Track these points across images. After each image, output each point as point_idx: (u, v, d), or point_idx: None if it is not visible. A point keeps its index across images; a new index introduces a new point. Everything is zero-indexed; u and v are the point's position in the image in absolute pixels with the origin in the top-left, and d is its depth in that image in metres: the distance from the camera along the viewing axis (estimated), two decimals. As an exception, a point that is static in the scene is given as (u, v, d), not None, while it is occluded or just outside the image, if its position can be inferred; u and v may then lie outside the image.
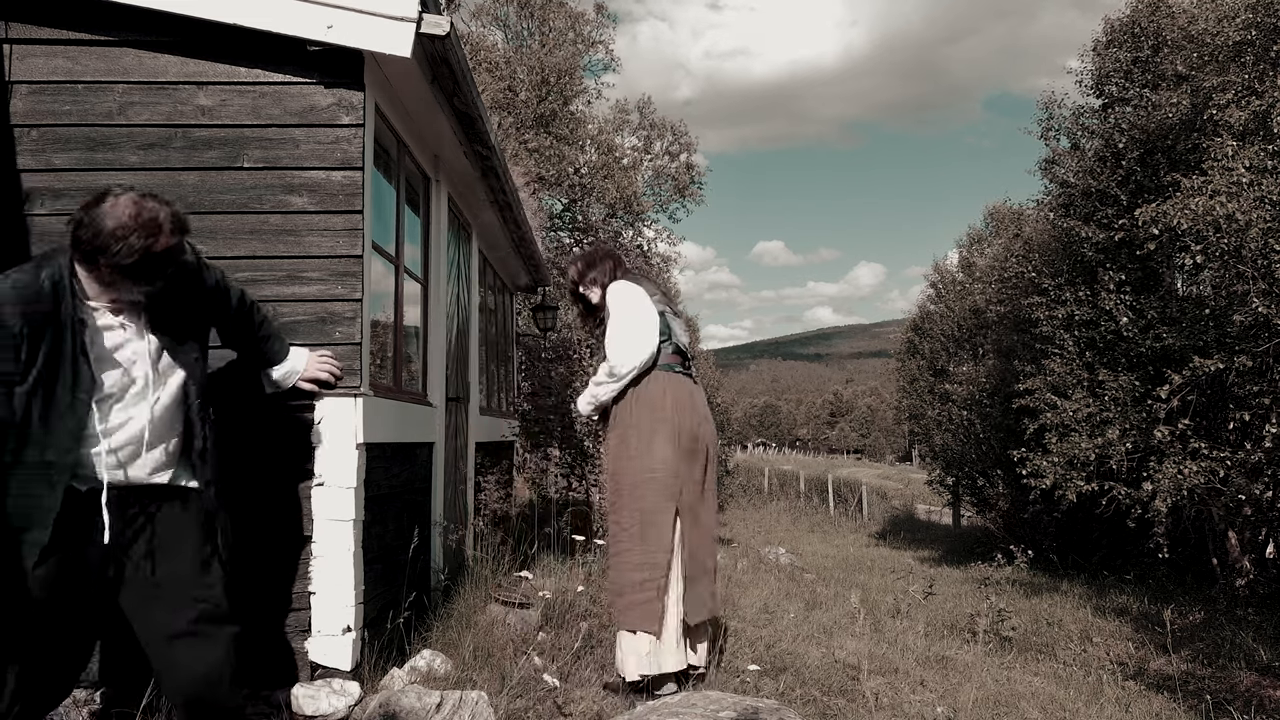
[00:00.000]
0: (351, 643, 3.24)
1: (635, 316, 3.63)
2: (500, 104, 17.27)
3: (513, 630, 3.94)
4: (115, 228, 2.17)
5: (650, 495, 3.54)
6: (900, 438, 61.65)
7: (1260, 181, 7.22)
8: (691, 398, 3.68)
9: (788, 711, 3.09)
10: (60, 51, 3.29)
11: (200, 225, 3.30)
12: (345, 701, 3.07)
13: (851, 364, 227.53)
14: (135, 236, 2.18)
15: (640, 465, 3.56)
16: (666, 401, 3.60)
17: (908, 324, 24.54)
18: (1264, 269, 7.27)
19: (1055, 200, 11.70)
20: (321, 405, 3.27)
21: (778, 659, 4.29)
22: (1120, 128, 10.50)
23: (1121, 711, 4.21)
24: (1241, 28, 8.20)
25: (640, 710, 3.15)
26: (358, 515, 3.31)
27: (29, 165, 3.26)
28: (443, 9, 3.42)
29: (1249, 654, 5.63)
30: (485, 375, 7.67)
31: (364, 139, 3.36)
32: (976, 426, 15.33)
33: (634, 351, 3.57)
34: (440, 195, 5.11)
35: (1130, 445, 9.08)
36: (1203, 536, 9.65)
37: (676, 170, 23.42)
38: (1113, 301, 10.00)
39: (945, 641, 5.38)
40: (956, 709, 3.73)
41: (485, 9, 21.24)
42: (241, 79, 3.34)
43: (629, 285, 3.72)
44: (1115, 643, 6.19)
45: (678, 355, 3.71)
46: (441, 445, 5.06)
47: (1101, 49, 11.41)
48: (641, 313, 3.64)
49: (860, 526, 23.72)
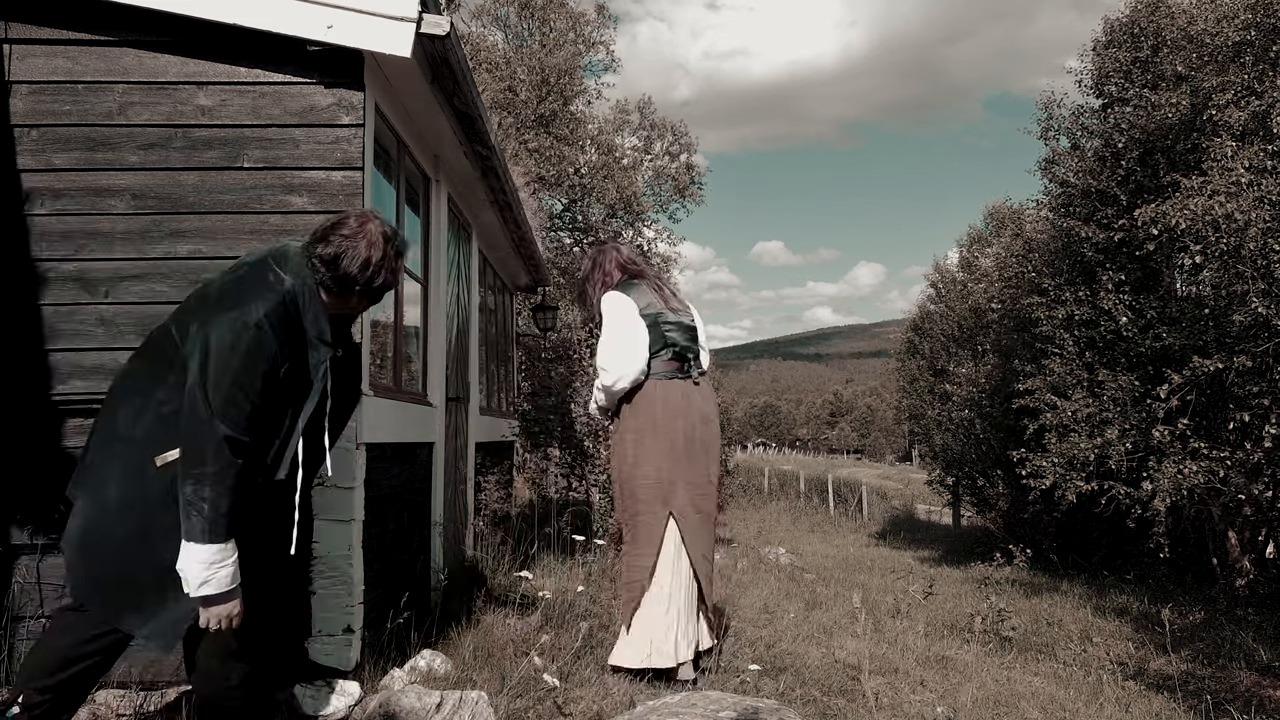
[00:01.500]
0: (351, 643, 3.24)
1: (620, 334, 3.71)
2: (500, 104, 17.27)
3: (513, 630, 3.94)
4: (379, 259, 2.27)
5: (642, 499, 3.69)
6: (900, 438, 61.66)
7: (1259, 182, 7.22)
8: (687, 400, 3.74)
9: (788, 711, 3.10)
10: (60, 51, 3.29)
11: (200, 225, 3.31)
12: (345, 701, 3.07)
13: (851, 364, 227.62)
14: (389, 263, 2.32)
15: (635, 471, 3.71)
16: (657, 410, 3.70)
17: (908, 324, 24.53)
18: (1263, 269, 7.28)
19: (1055, 200, 11.71)
20: (321, 405, 3.27)
21: (778, 659, 4.29)
22: (1120, 128, 10.50)
23: (1121, 711, 4.21)
24: (1241, 28, 8.20)
25: (640, 710, 3.15)
26: (358, 515, 3.31)
27: (29, 165, 3.26)
28: (443, 9, 3.42)
29: (1249, 654, 5.63)
30: (485, 375, 7.67)
31: (364, 139, 3.36)
32: (976, 426, 15.33)
33: (619, 368, 3.69)
34: (440, 195, 5.11)
35: (1130, 445, 9.08)
36: (1203, 536, 9.65)
37: (676, 170, 23.42)
38: (1112, 301, 10.00)
39: (945, 641, 5.38)
40: (956, 709, 3.73)
41: (485, 9, 21.24)
42: (241, 79, 3.34)
43: (619, 299, 3.78)
44: (1115, 643, 6.19)
45: (675, 361, 3.77)
46: (441, 445, 5.06)
47: (1101, 49, 11.41)
48: (625, 330, 3.72)
49: (860, 526, 23.72)
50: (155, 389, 2.21)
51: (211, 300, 2.24)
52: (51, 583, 3.16)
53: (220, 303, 2.20)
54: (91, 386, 3.22)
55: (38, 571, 3.16)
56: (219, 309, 2.18)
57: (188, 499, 2.07)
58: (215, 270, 3.25)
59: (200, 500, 2.06)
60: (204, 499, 2.06)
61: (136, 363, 2.34)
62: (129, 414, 2.22)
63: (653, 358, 3.74)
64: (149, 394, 2.21)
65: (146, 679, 3.12)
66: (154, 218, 3.29)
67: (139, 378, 2.27)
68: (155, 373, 2.23)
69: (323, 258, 2.26)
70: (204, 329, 2.14)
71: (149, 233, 3.29)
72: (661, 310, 3.78)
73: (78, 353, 3.24)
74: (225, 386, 2.10)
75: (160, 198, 3.30)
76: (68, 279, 3.25)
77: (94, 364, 3.24)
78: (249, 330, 2.14)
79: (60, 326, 3.24)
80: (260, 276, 2.25)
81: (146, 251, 3.28)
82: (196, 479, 2.07)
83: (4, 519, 3.15)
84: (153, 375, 2.23)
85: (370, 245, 2.27)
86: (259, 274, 2.26)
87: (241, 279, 2.26)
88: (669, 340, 3.74)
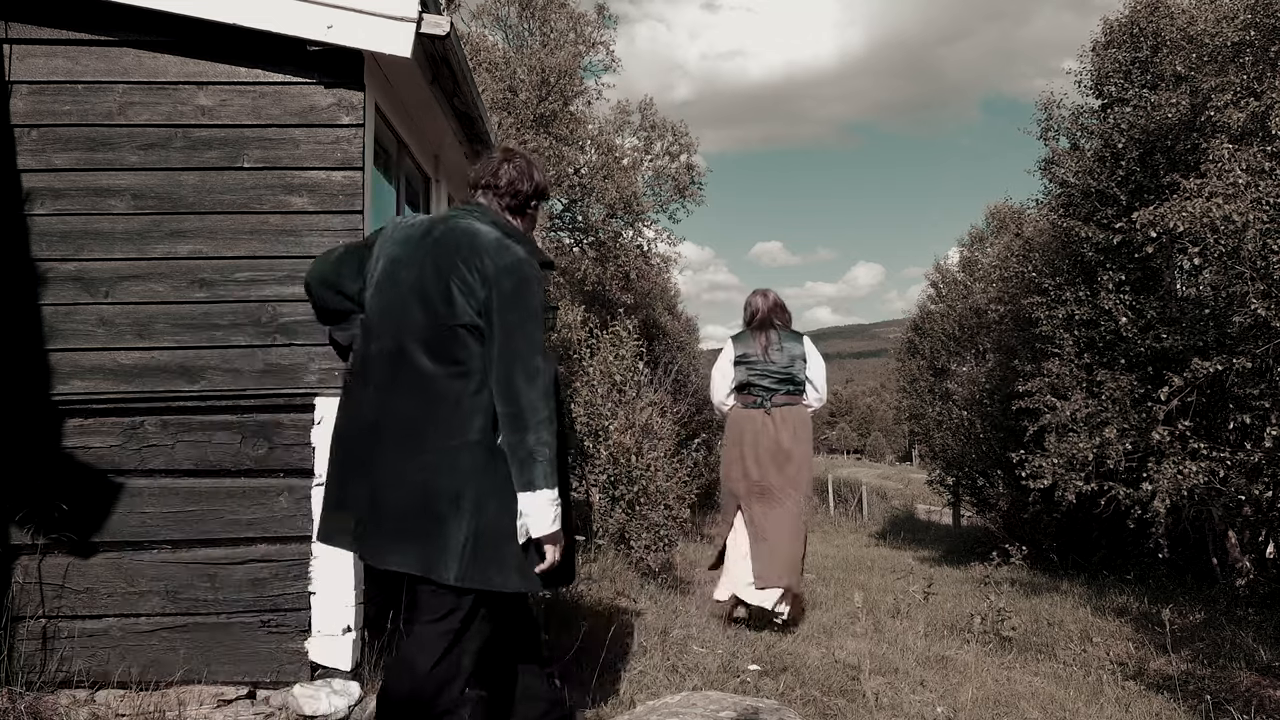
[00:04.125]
0: (351, 643, 3.24)
1: (713, 376, 5.37)
2: (500, 104, 17.26)
3: (513, 630, 3.94)
4: (544, 174, 2.50)
5: (725, 491, 5.42)
6: (900, 438, 61.60)
7: (1257, 184, 7.21)
8: (761, 425, 5.13)
9: (788, 711, 3.10)
10: (60, 51, 3.29)
11: (200, 225, 3.31)
12: (345, 701, 3.07)
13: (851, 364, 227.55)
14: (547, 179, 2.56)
15: (724, 474, 5.37)
16: (733, 431, 5.27)
17: (908, 323, 24.50)
18: (1262, 270, 7.27)
19: (1055, 200, 11.69)
20: (322, 405, 3.27)
21: (778, 659, 4.30)
22: (1120, 128, 10.48)
23: (1121, 711, 4.21)
24: (1240, 28, 8.18)
25: (640, 710, 3.16)
26: (358, 515, 3.30)
27: (29, 165, 3.26)
28: (443, 9, 3.42)
29: (1249, 654, 5.62)
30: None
31: (364, 139, 3.36)
32: (976, 426, 15.31)
33: (713, 399, 5.41)
34: (440, 195, 5.12)
35: (1129, 445, 9.07)
36: (1203, 536, 9.64)
37: (676, 170, 23.39)
38: (1112, 301, 9.98)
39: (945, 641, 5.38)
40: (956, 709, 3.73)
41: (485, 9, 21.22)
42: (241, 79, 3.34)
43: (725, 348, 5.30)
44: (1115, 643, 6.18)
45: (752, 397, 5.20)
46: (441, 445, 5.05)
47: (1101, 49, 11.40)
48: (717, 373, 5.33)
49: (860, 526, 23.71)
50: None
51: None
52: (51, 583, 3.16)
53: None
54: (91, 386, 3.23)
55: (38, 571, 3.16)
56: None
57: (529, 448, 2.24)
58: (215, 270, 3.27)
59: (541, 445, 2.25)
60: (544, 444, 2.25)
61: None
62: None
63: (737, 393, 5.25)
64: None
65: (147, 679, 3.13)
66: (154, 218, 3.29)
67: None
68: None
69: (505, 181, 2.50)
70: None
71: (149, 233, 3.29)
72: (757, 358, 5.16)
73: (78, 353, 3.24)
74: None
75: (160, 198, 3.30)
76: (68, 279, 3.25)
77: (94, 364, 3.24)
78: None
79: (60, 326, 3.24)
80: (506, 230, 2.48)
81: (146, 251, 3.28)
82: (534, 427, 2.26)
83: (4, 519, 3.15)
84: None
85: (538, 167, 2.54)
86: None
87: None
88: (751, 381, 5.16)
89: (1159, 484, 8.31)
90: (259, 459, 3.28)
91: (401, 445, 2.31)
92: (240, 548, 3.25)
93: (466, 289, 2.30)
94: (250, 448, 3.28)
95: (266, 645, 3.23)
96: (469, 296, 2.30)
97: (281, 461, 3.28)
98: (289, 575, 3.25)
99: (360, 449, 2.37)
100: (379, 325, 2.41)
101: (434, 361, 2.31)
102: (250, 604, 3.24)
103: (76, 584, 3.19)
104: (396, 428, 2.32)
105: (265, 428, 3.29)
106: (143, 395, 3.25)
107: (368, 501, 2.34)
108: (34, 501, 3.14)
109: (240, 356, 3.29)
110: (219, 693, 3.14)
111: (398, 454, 2.31)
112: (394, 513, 2.31)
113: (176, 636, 3.21)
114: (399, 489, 2.30)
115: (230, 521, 3.26)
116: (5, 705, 2.85)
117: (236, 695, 3.15)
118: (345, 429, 2.44)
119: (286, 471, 3.28)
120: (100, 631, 3.20)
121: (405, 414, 2.32)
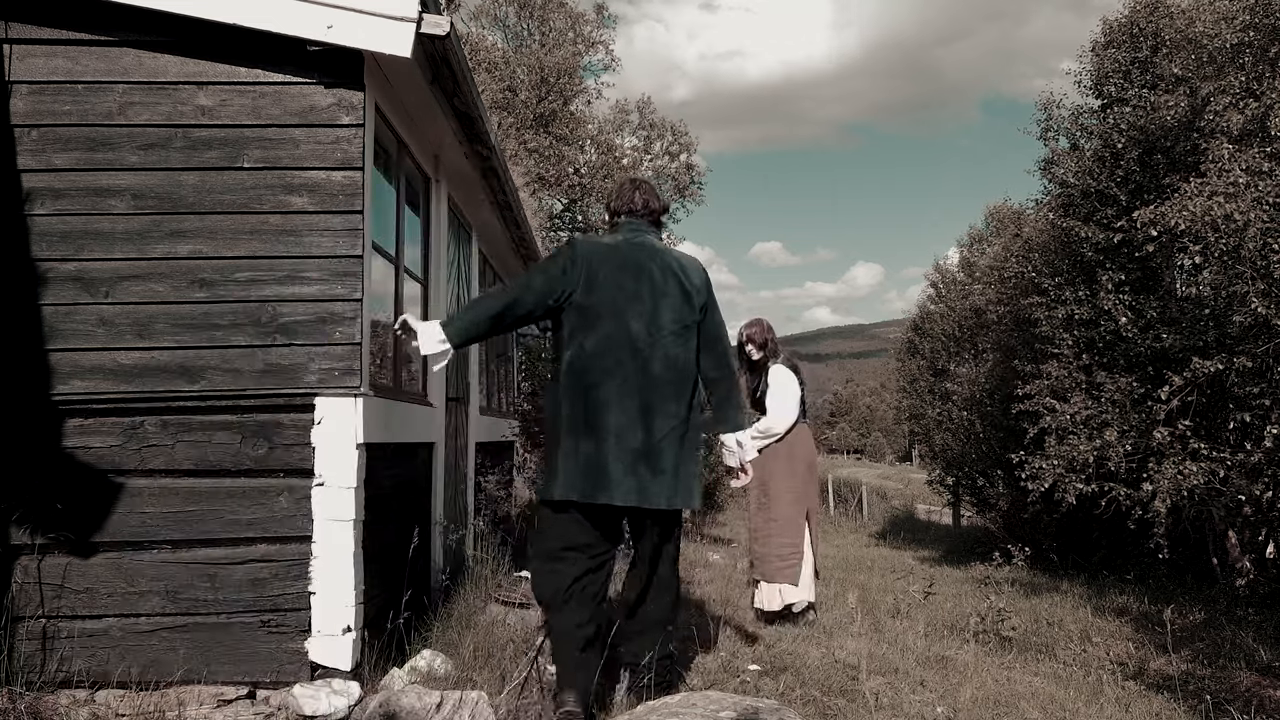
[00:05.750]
0: (351, 643, 3.24)
1: (790, 404, 5.48)
2: (500, 104, 17.27)
3: (513, 630, 3.94)
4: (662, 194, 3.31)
5: (795, 505, 5.53)
6: (900, 438, 61.56)
7: (1257, 184, 7.21)
8: (809, 438, 5.61)
9: (788, 711, 3.09)
10: (60, 51, 3.29)
11: (200, 225, 3.31)
12: (345, 701, 3.07)
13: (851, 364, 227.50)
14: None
15: (792, 488, 5.48)
16: (804, 450, 5.57)
17: (908, 324, 24.50)
18: (1262, 269, 7.27)
19: (1055, 200, 11.68)
20: (322, 405, 3.27)
21: (778, 659, 4.29)
22: (1119, 128, 10.48)
23: (1121, 711, 4.21)
24: (1240, 29, 8.18)
25: (640, 710, 3.15)
26: (358, 515, 3.31)
27: (29, 165, 3.26)
28: (443, 9, 3.42)
29: (1249, 654, 5.62)
30: (485, 375, 7.67)
31: (364, 139, 3.36)
32: (976, 426, 15.30)
33: (784, 423, 5.44)
34: (440, 195, 5.12)
35: (1129, 446, 9.07)
36: (1203, 536, 9.63)
37: (676, 170, 23.41)
38: (1112, 301, 9.98)
39: (945, 641, 5.38)
40: (956, 709, 3.72)
41: (485, 9, 21.24)
42: (241, 79, 3.34)
43: (788, 374, 5.50)
44: (1115, 643, 6.18)
45: (803, 414, 5.61)
46: (441, 445, 5.06)
47: (1100, 49, 11.39)
48: (792, 403, 5.47)
49: (860, 526, 23.71)
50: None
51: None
52: (51, 583, 3.17)
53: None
54: (91, 386, 3.23)
55: (38, 571, 3.16)
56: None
57: (738, 400, 3.35)
58: (215, 270, 3.27)
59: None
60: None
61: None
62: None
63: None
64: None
65: (147, 679, 3.13)
66: (154, 218, 3.29)
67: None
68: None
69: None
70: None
71: (149, 233, 3.29)
72: (804, 381, 5.62)
73: (78, 353, 3.24)
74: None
75: (160, 198, 3.30)
76: (68, 279, 3.25)
77: (94, 364, 3.24)
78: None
79: (60, 326, 3.24)
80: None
81: (146, 251, 3.28)
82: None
83: (4, 519, 3.15)
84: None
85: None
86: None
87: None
88: (803, 400, 5.56)
89: (1159, 484, 8.30)
90: (259, 459, 3.28)
91: (661, 409, 3.03)
92: (240, 548, 3.25)
93: (693, 294, 3.16)
94: (250, 448, 3.28)
95: (266, 645, 3.23)
96: (693, 301, 3.17)
97: (281, 461, 3.28)
98: (289, 575, 3.25)
99: (625, 415, 2.99)
100: (619, 319, 3.05)
101: (681, 348, 3.13)
102: (250, 604, 3.24)
103: (76, 584, 3.19)
104: (657, 396, 3.03)
105: (265, 428, 3.29)
106: (143, 395, 3.25)
107: (634, 454, 2.98)
108: (34, 501, 3.15)
109: (240, 356, 3.29)
110: (219, 693, 3.14)
111: (660, 417, 3.02)
112: (655, 460, 3.00)
113: (176, 636, 3.21)
114: (662, 441, 3.02)
115: (230, 521, 3.26)
116: (5, 705, 2.85)
117: (236, 695, 3.15)
118: (605, 399, 3.00)
119: (286, 471, 3.28)
120: (100, 631, 3.20)
121: (662, 386, 3.05)
